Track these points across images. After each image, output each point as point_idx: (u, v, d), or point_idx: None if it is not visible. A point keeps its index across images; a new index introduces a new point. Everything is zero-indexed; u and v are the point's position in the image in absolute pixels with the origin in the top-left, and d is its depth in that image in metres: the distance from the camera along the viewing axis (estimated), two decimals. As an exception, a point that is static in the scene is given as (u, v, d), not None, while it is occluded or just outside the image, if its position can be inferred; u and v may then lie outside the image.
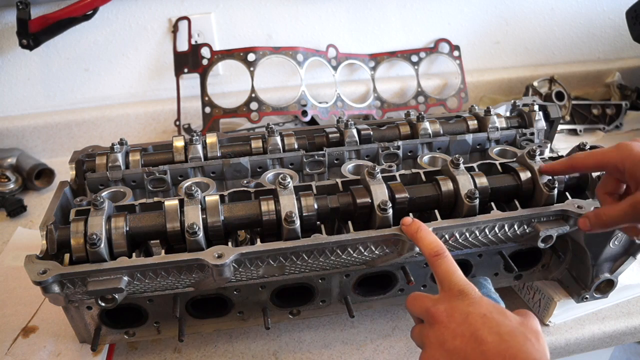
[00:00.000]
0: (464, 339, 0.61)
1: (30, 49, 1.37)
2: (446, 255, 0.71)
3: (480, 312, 0.63)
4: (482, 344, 0.60)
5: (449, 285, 0.68)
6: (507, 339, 0.60)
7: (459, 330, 0.62)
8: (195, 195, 0.79)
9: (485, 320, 0.62)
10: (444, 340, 0.63)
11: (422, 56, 1.68)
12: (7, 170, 1.39)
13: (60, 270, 0.73)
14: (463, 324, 0.63)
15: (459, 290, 0.67)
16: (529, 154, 0.88)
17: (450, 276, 0.69)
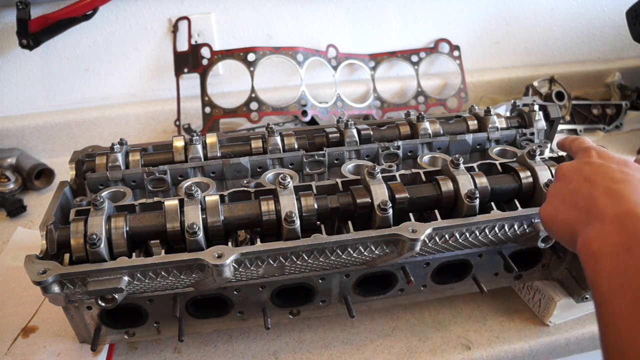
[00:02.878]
0: (578, 182, 0.65)
1: (30, 49, 1.37)
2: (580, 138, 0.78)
3: (599, 161, 0.67)
4: (592, 184, 0.62)
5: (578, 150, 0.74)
6: (618, 182, 0.61)
7: (574, 176, 0.66)
8: (195, 195, 0.79)
9: (601, 168, 0.65)
10: (560, 188, 0.68)
11: (422, 56, 1.68)
12: (7, 170, 1.39)
13: (60, 270, 0.73)
14: (579, 170, 0.67)
15: (584, 149, 0.72)
16: (529, 154, 0.88)
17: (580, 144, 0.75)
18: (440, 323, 0.96)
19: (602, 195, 0.60)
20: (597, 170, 0.65)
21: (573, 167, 0.69)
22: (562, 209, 0.65)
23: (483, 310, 0.99)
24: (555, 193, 0.69)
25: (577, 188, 0.64)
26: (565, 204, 0.65)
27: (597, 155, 0.69)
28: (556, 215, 0.66)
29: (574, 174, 0.67)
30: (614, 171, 0.64)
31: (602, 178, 0.63)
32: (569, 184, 0.67)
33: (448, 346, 0.91)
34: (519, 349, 0.92)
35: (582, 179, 0.65)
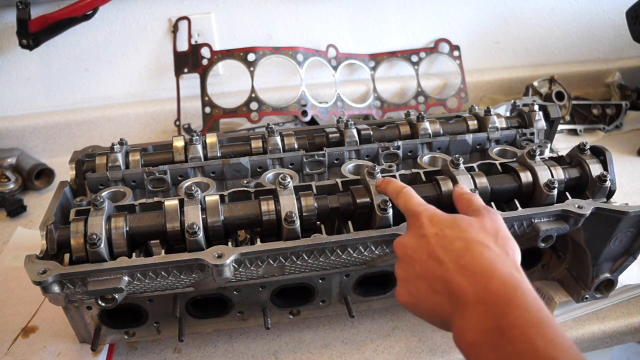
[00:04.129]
0: (423, 263, 0.61)
1: (30, 49, 1.37)
2: (406, 190, 0.73)
3: (432, 231, 0.62)
4: (440, 264, 0.59)
5: (407, 214, 0.69)
6: (463, 254, 0.58)
7: (416, 255, 0.62)
8: (195, 195, 0.79)
9: (438, 239, 0.61)
10: (407, 270, 0.63)
11: (422, 56, 1.68)
12: (7, 170, 1.39)
13: (60, 270, 0.73)
14: (418, 248, 0.62)
15: (412, 215, 0.67)
16: (529, 154, 0.88)
17: (407, 204, 0.70)
18: (440, 323, 0.96)
19: (454, 275, 0.57)
20: (437, 244, 0.60)
21: (411, 244, 0.64)
22: (420, 295, 0.61)
23: (483, 310, 0.99)
24: (404, 276, 0.64)
25: (425, 270, 0.60)
26: (419, 289, 0.61)
27: (429, 223, 0.64)
28: (417, 302, 0.62)
29: (414, 253, 0.62)
30: (453, 241, 0.60)
31: (446, 253, 0.59)
32: (413, 264, 0.62)
33: (448, 346, 0.91)
34: (519, 349, 0.92)
35: (426, 258, 0.61)
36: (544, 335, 0.49)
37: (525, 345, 0.49)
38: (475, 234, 0.60)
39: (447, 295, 0.57)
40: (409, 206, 0.69)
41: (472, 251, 0.58)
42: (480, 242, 0.59)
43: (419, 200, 0.70)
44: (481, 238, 0.60)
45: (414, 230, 0.65)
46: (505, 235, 0.63)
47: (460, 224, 0.62)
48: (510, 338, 0.50)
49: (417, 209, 0.68)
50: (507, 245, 0.62)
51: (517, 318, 0.51)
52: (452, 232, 0.61)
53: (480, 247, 0.58)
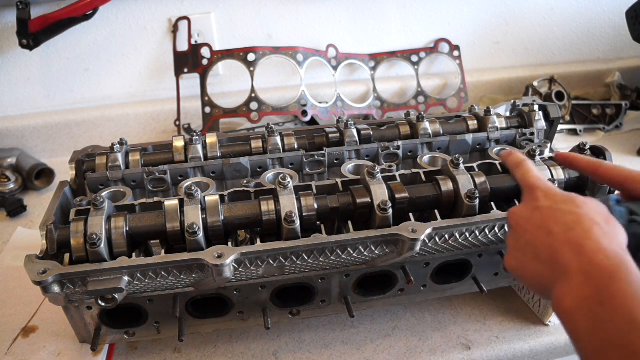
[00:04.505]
0: (533, 233, 0.63)
1: (30, 49, 1.38)
2: (524, 162, 0.76)
3: (546, 204, 0.65)
4: (549, 234, 0.61)
5: (524, 187, 0.72)
6: (573, 227, 0.60)
7: (528, 225, 0.65)
8: (195, 195, 0.79)
9: (552, 212, 0.64)
10: (517, 238, 0.66)
11: (422, 56, 1.68)
12: (7, 170, 1.39)
13: (60, 270, 0.73)
14: (531, 219, 0.65)
15: (529, 188, 0.71)
16: (529, 154, 0.89)
17: (524, 178, 0.73)
18: (440, 323, 0.96)
19: (562, 246, 0.59)
20: (549, 216, 0.63)
21: (524, 215, 0.67)
22: (526, 262, 0.64)
23: (483, 310, 0.99)
24: (514, 244, 0.67)
25: (534, 239, 0.63)
26: (527, 256, 0.64)
27: (544, 197, 0.67)
28: (522, 268, 0.65)
29: (527, 223, 0.66)
30: (565, 214, 0.62)
31: (556, 225, 0.61)
32: (524, 234, 0.65)
33: (448, 346, 0.91)
34: (519, 349, 0.92)
35: (537, 228, 0.63)
36: None
37: (623, 314, 0.50)
38: (587, 211, 0.62)
39: (550, 264, 0.59)
40: (527, 179, 0.72)
41: (582, 225, 0.60)
42: (591, 219, 0.61)
43: (538, 174, 0.73)
44: (593, 216, 0.61)
45: (529, 203, 0.68)
46: (614, 220, 0.64)
47: (575, 200, 0.64)
48: (608, 307, 0.51)
49: (535, 182, 0.71)
50: (616, 227, 0.63)
51: (617, 290, 0.52)
52: (565, 207, 0.63)
53: (590, 223, 0.60)
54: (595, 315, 0.51)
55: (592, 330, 0.51)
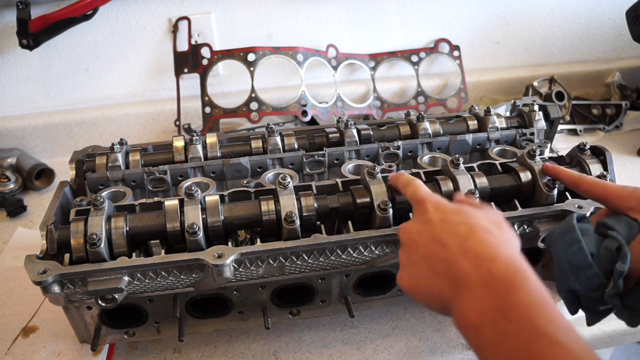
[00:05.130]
0: (427, 247, 0.62)
1: (30, 49, 1.37)
2: (413, 181, 0.75)
3: (437, 217, 0.64)
4: (444, 247, 0.60)
5: (413, 203, 0.71)
6: (466, 238, 0.59)
7: (420, 240, 0.63)
8: (195, 195, 0.79)
9: (444, 224, 0.62)
10: (410, 254, 0.64)
11: (422, 56, 1.68)
12: (7, 170, 1.39)
13: (60, 270, 0.73)
14: (423, 232, 0.64)
15: (418, 203, 0.69)
16: (529, 154, 0.89)
17: (414, 194, 0.72)
18: (440, 323, 0.96)
19: (458, 258, 0.58)
20: (441, 229, 0.62)
21: (416, 229, 0.65)
22: (422, 278, 0.62)
23: (483, 310, 0.99)
24: (406, 260, 0.65)
25: (429, 253, 0.61)
26: (422, 272, 0.62)
27: (434, 210, 0.65)
28: (417, 285, 0.63)
29: (419, 238, 0.64)
30: (458, 225, 0.61)
31: (450, 236, 0.60)
32: (417, 249, 0.63)
33: (448, 346, 0.91)
34: (519, 349, 0.92)
35: (430, 242, 0.62)
36: (546, 315, 0.50)
37: (526, 324, 0.49)
38: (479, 220, 0.62)
39: (448, 278, 0.58)
40: (416, 194, 0.71)
41: (476, 235, 0.59)
42: (483, 227, 0.61)
43: (427, 189, 0.72)
44: (484, 224, 0.61)
45: (419, 216, 0.67)
46: (507, 226, 0.65)
47: (465, 211, 0.64)
48: (512, 318, 0.50)
49: (424, 196, 0.69)
50: (509, 233, 0.63)
51: (519, 299, 0.51)
52: (456, 218, 0.63)
53: (483, 232, 0.60)
54: (499, 327, 0.50)
55: (497, 343, 0.50)
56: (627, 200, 0.71)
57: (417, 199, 0.70)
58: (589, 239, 0.68)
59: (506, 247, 0.58)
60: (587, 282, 0.67)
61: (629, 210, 0.71)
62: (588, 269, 0.66)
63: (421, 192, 0.71)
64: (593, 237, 0.69)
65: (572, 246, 0.68)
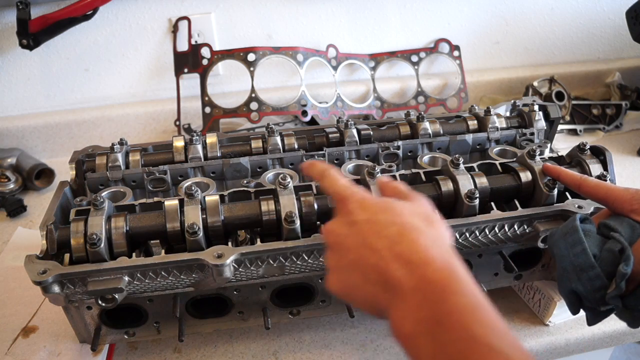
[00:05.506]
0: (356, 251, 0.57)
1: (30, 49, 1.37)
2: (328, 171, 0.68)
3: (364, 217, 0.59)
4: (374, 252, 0.55)
5: (334, 198, 0.65)
6: (398, 240, 0.55)
7: (348, 243, 0.58)
8: (195, 195, 0.79)
9: (371, 225, 0.57)
10: (338, 258, 0.59)
11: (422, 56, 1.68)
12: (7, 170, 1.39)
13: (60, 270, 0.73)
14: (350, 235, 0.58)
15: (340, 200, 0.63)
16: (529, 154, 0.89)
17: (333, 187, 0.65)
18: (440, 323, 0.96)
19: (390, 263, 0.53)
20: (369, 231, 0.57)
21: (342, 231, 0.59)
22: (354, 284, 0.57)
23: (483, 310, 0.99)
24: (335, 264, 0.59)
25: (359, 258, 0.56)
26: (353, 278, 0.57)
27: (359, 208, 0.60)
28: (350, 291, 0.58)
29: (347, 241, 0.58)
30: (387, 226, 0.57)
31: (380, 240, 0.55)
32: (346, 253, 0.58)
33: (448, 346, 0.91)
34: (519, 349, 0.92)
35: (358, 246, 0.57)
36: (481, 321, 0.48)
37: (462, 332, 0.47)
38: (409, 218, 0.58)
39: (382, 285, 0.54)
40: (336, 189, 0.65)
41: (407, 237, 0.55)
42: (415, 226, 0.57)
43: (346, 182, 0.66)
44: (415, 222, 0.57)
45: (344, 217, 0.61)
46: (437, 219, 0.61)
47: (393, 208, 0.59)
48: (447, 326, 0.48)
49: (345, 193, 0.63)
50: (440, 229, 0.59)
51: (453, 305, 0.49)
52: (385, 217, 0.58)
53: (415, 232, 0.56)
54: (436, 337, 0.48)
55: (434, 353, 0.48)
56: (629, 203, 0.71)
57: (338, 195, 0.64)
58: (592, 240, 0.68)
59: (439, 247, 0.55)
60: (589, 283, 0.67)
61: (631, 212, 0.71)
62: (591, 270, 0.66)
63: (341, 186, 0.65)
64: (596, 239, 0.69)
65: (575, 247, 0.68)
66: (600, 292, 0.66)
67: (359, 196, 0.62)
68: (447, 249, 0.56)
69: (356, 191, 0.64)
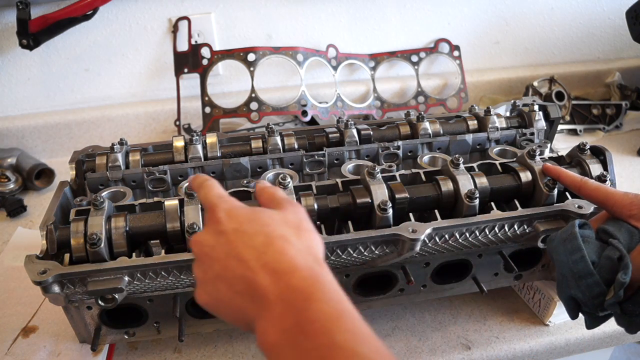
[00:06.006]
0: (222, 262, 0.55)
1: (30, 49, 1.37)
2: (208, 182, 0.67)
3: (231, 227, 0.57)
4: (241, 262, 0.54)
5: (205, 207, 0.63)
6: (264, 250, 0.54)
7: (215, 254, 0.57)
8: (196, 195, 0.79)
9: (239, 235, 0.56)
10: (205, 270, 0.57)
11: (422, 56, 1.68)
12: (7, 170, 1.39)
13: (60, 270, 0.73)
14: (216, 246, 0.57)
15: (210, 209, 0.62)
16: (529, 154, 0.89)
17: (206, 196, 0.64)
18: (440, 323, 0.96)
19: (257, 274, 0.52)
20: (236, 240, 0.56)
21: (208, 242, 0.58)
22: (221, 296, 0.55)
23: (483, 310, 0.99)
24: (202, 276, 0.58)
25: (225, 269, 0.55)
26: (220, 290, 0.55)
27: (227, 218, 0.58)
28: (218, 304, 0.57)
29: (213, 252, 0.57)
30: (254, 236, 0.56)
31: (247, 249, 0.54)
32: (213, 264, 0.56)
33: (448, 346, 0.91)
34: (519, 349, 0.92)
35: (225, 256, 0.55)
36: (344, 327, 0.48)
37: (324, 339, 0.47)
38: (276, 228, 0.57)
39: (249, 296, 0.53)
40: (208, 198, 0.64)
41: (274, 246, 0.54)
42: (281, 236, 0.56)
43: (220, 192, 0.65)
44: (283, 232, 0.57)
45: (212, 226, 0.59)
46: (308, 228, 0.60)
47: (261, 217, 0.58)
48: (310, 333, 0.47)
49: (214, 201, 0.62)
50: (309, 238, 0.59)
51: (316, 312, 0.48)
52: (252, 227, 0.57)
53: (281, 241, 0.55)
54: (299, 345, 0.47)
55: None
56: (628, 208, 0.71)
57: (209, 204, 0.63)
58: (590, 247, 0.69)
59: (306, 256, 0.54)
60: (587, 290, 0.67)
61: (630, 217, 0.71)
62: (589, 277, 0.67)
63: (213, 196, 0.63)
64: (594, 245, 0.70)
65: (574, 254, 0.68)
66: (599, 298, 0.67)
67: (228, 205, 0.61)
68: (315, 257, 0.56)
69: (226, 200, 0.62)
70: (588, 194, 0.78)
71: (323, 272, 0.53)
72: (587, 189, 0.78)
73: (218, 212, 0.60)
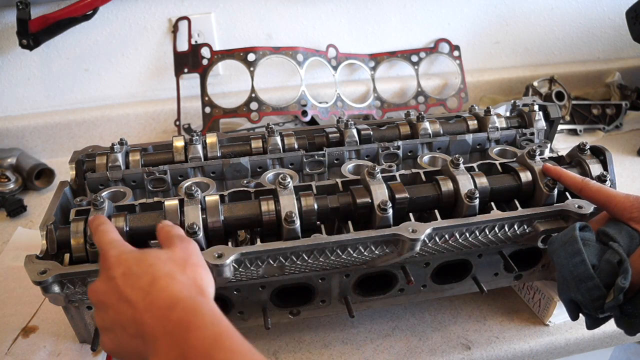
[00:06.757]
0: (115, 307, 0.58)
1: (30, 49, 1.37)
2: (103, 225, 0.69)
3: (119, 271, 0.59)
4: (130, 305, 0.56)
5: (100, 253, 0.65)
6: (149, 290, 0.56)
7: (108, 300, 0.59)
8: (195, 195, 0.79)
9: (127, 279, 0.58)
10: (103, 317, 0.59)
11: (422, 56, 1.68)
12: (7, 170, 1.39)
13: (60, 270, 0.73)
14: (108, 292, 0.59)
15: (102, 255, 0.64)
16: (529, 154, 0.89)
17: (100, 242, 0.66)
18: (440, 323, 0.96)
19: (144, 314, 0.54)
20: (124, 285, 0.58)
21: (101, 290, 0.60)
22: (120, 342, 0.57)
23: (483, 310, 0.99)
24: (102, 324, 0.60)
25: (118, 314, 0.57)
26: (118, 335, 0.57)
27: (116, 263, 0.60)
28: (118, 349, 0.58)
29: (106, 298, 0.59)
30: (140, 278, 0.58)
31: (134, 292, 0.56)
32: (108, 310, 0.58)
33: (448, 346, 0.91)
34: (519, 349, 0.92)
35: (117, 301, 0.57)
36: (222, 347, 0.50)
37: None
38: (162, 267, 0.59)
39: (141, 337, 0.55)
40: (100, 244, 0.66)
41: (158, 285, 0.57)
42: (166, 274, 0.58)
43: (112, 237, 0.67)
44: (168, 270, 0.59)
45: (104, 273, 0.62)
46: (195, 262, 0.63)
47: (147, 259, 0.61)
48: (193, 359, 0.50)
49: (104, 248, 0.64)
50: (195, 272, 0.61)
51: (196, 339, 0.51)
52: (139, 269, 0.59)
53: (165, 279, 0.57)
54: None
55: None
56: (628, 211, 0.72)
57: (100, 250, 0.65)
58: (591, 250, 0.69)
59: (189, 289, 0.57)
60: (588, 292, 0.68)
61: (630, 220, 0.71)
62: (589, 280, 0.67)
63: (103, 243, 0.65)
64: (594, 247, 0.70)
65: (574, 257, 0.69)
66: (599, 301, 0.67)
67: (117, 251, 0.63)
68: (200, 289, 0.59)
69: (116, 246, 0.64)
70: (589, 195, 0.78)
71: (204, 301, 0.56)
72: (589, 190, 0.78)
73: (109, 258, 0.62)
